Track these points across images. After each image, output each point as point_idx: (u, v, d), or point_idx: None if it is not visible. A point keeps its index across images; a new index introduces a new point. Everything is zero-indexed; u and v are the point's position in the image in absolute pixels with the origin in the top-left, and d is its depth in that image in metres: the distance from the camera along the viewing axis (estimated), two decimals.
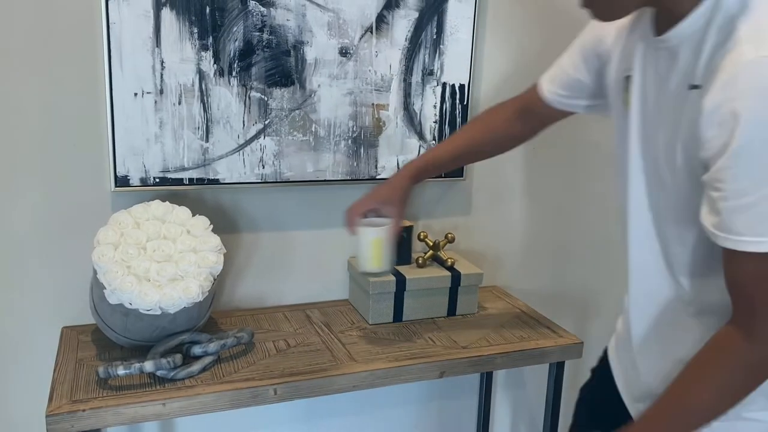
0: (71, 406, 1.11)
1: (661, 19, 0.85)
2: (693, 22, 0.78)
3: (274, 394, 1.21)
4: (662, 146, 0.85)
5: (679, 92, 0.81)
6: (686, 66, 0.80)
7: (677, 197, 0.85)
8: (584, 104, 1.13)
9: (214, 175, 1.43)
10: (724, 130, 0.73)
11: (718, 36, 0.76)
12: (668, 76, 0.83)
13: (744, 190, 0.73)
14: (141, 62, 1.32)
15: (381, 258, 1.26)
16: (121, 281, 1.18)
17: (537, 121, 1.23)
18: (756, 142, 0.71)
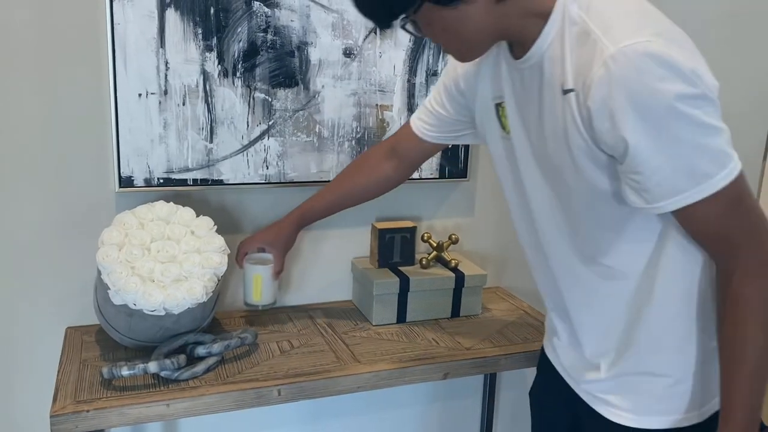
0: (75, 407, 1.11)
1: (515, 45, 0.92)
2: (545, 39, 0.86)
3: (278, 395, 1.21)
4: (552, 153, 0.91)
5: (554, 100, 0.87)
6: (553, 76, 0.86)
7: (582, 194, 0.91)
8: (455, 135, 1.21)
9: (218, 175, 1.43)
10: (614, 123, 0.79)
11: (575, 41, 0.82)
12: (540, 91, 0.89)
13: (659, 166, 0.79)
14: (145, 63, 1.32)
15: (260, 292, 1.39)
16: (125, 282, 1.18)
17: (411, 158, 1.29)
18: (645, 125, 0.77)
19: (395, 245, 1.56)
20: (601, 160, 0.85)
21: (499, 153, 1.07)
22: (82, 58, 1.31)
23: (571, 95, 0.83)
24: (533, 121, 0.93)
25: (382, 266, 1.55)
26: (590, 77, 0.79)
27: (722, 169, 0.79)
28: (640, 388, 0.98)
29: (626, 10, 0.81)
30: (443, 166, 1.62)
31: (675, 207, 0.82)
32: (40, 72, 1.29)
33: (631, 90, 0.76)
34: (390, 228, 1.55)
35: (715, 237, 0.85)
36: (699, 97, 0.77)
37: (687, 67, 0.76)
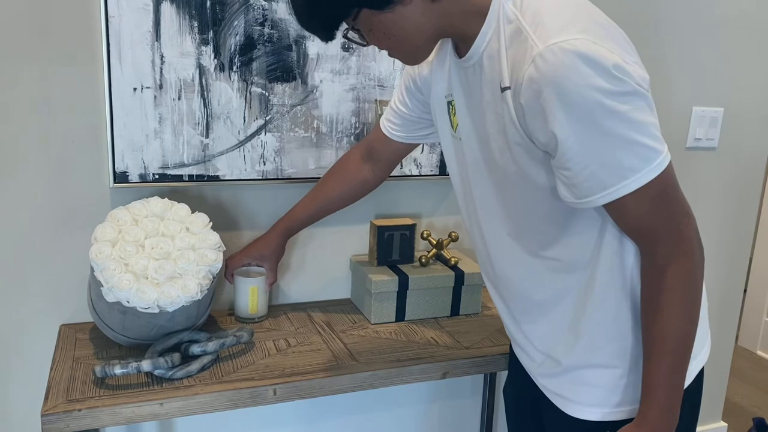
0: (67, 406, 1.09)
1: (459, 43, 0.94)
2: (483, 38, 0.87)
3: (273, 394, 1.19)
4: (495, 150, 0.92)
5: (494, 97, 0.88)
6: (492, 74, 0.88)
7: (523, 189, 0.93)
8: (423, 134, 1.22)
9: (214, 171, 1.41)
10: (544, 119, 0.80)
11: (509, 40, 0.84)
12: (481, 88, 0.91)
13: (587, 162, 0.81)
14: (140, 56, 1.30)
15: (256, 305, 1.43)
16: (118, 279, 1.16)
17: (385, 159, 1.30)
18: (573, 121, 0.78)
19: (394, 243, 1.54)
20: (538, 155, 0.87)
21: (449, 151, 1.08)
22: (77, 51, 1.29)
23: (507, 93, 0.85)
24: (478, 120, 0.95)
25: (381, 264, 1.53)
26: (522, 75, 0.81)
27: (648, 163, 0.81)
28: (591, 380, 0.99)
29: (557, 7, 0.82)
30: (443, 163, 1.60)
31: (602, 202, 0.84)
32: (34, 66, 1.27)
33: (559, 88, 0.77)
34: (389, 225, 1.53)
35: (641, 228, 0.87)
36: (626, 93, 0.78)
37: (612, 63, 0.77)
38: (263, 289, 1.43)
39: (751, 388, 2.80)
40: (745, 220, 2.03)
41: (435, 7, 0.86)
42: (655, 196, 0.83)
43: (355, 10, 0.86)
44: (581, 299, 0.97)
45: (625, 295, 0.95)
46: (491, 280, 1.11)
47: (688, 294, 0.88)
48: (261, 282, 1.42)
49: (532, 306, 1.03)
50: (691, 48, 1.81)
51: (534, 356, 1.07)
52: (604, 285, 0.94)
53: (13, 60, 1.26)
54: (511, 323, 1.10)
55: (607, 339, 0.97)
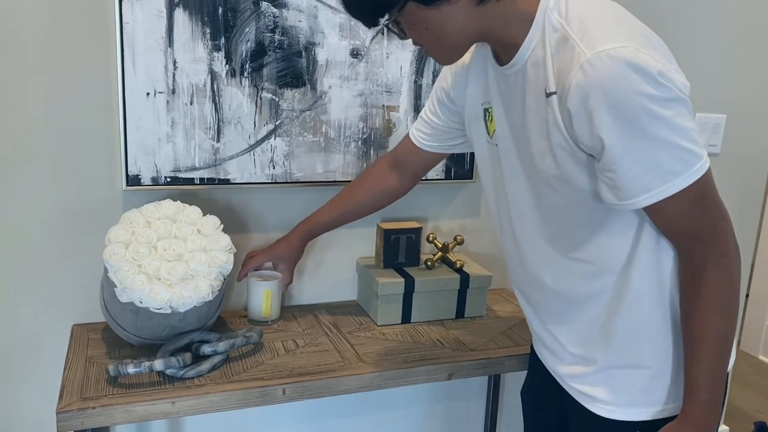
0: (81, 404, 1.12)
1: (500, 51, 0.96)
2: (528, 45, 0.90)
3: (282, 394, 1.21)
4: (537, 155, 0.94)
5: (538, 103, 0.90)
6: (537, 80, 0.90)
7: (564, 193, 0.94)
8: (453, 144, 1.23)
9: (225, 175, 1.43)
10: (591, 124, 0.83)
11: (555, 48, 0.86)
12: (524, 94, 0.93)
13: (631, 164, 0.84)
14: (153, 62, 1.33)
15: (270, 308, 1.46)
16: (131, 280, 1.19)
17: (413, 169, 1.32)
18: (619, 125, 0.81)
19: (400, 246, 1.56)
20: (582, 159, 0.89)
21: (484, 157, 1.10)
22: (91, 57, 1.32)
23: (553, 98, 0.87)
24: (518, 125, 0.96)
25: (387, 267, 1.55)
26: (569, 81, 0.83)
27: (690, 167, 0.84)
28: (622, 380, 1.01)
29: (601, 16, 0.85)
30: (449, 167, 1.62)
31: (645, 204, 0.86)
32: (49, 70, 1.30)
33: (607, 93, 0.80)
34: (395, 228, 1.55)
35: (681, 230, 0.90)
36: (670, 99, 0.81)
37: (657, 70, 0.80)
38: (277, 292, 1.46)
39: (752, 392, 2.82)
40: (748, 226, 2.05)
41: (479, 10, 0.88)
42: (695, 199, 0.86)
43: (403, 1, 0.87)
44: (614, 300, 0.98)
45: (660, 295, 0.96)
46: (521, 284, 1.12)
47: (727, 294, 0.91)
48: (275, 285, 1.45)
49: (564, 308, 1.04)
50: (693, 54, 1.83)
51: (564, 358, 1.08)
52: (639, 286, 0.96)
53: (30, 65, 1.29)
54: (539, 326, 1.11)
55: (640, 340, 0.98)
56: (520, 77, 0.93)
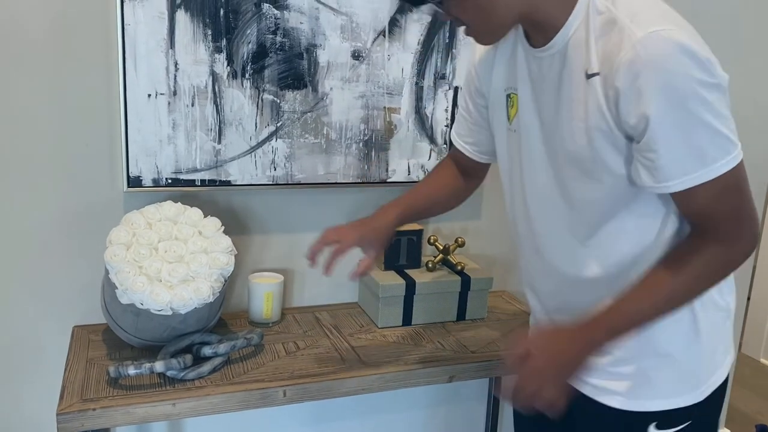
0: (82, 405, 1.11)
1: (535, 32, 0.95)
2: (570, 27, 0.90)
3: (283, 395, 1.21)
4: (569, 135, 0.93)
5: (577, 85, 0.90)
6: (577, 61, 0.90)
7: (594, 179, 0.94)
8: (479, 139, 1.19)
9: (226, 176, 1.43)
10: (639, 102, 0.83)
11: (600, 30, 0.87)
12: (560, 77, 0.93)
13: (674, 146, 0.84)
14: (155, 63, 1.33)
15: (271, 309, 1.45)
16: (132, 281, 1.19)
17: (473, 171, 1.27)
18: (668, 105, 0.82)
19: (401, 248, 1.56)
20: (619, 142, 0.89)
21: (502, 145, 1.10)
22: (93, 58, 1.32)
23: (595, 79, 0.87)
24: (549, 109, 0.96)
25: (388, 268, 1.55)
26: (618, 60, 0.83)
27: (727, 154, 0.85)
28: (640, 370, 1.01)
29: (648, 3, 0.87)
30: None
31: (680, 188, 0.86)
32: (51, 72, 1.30)
33: (658, 72, 0.81)
34: (397, 230, 1.55)
35: (706, 216, 0.90)
36: (715, 86, 0.83)
37: (705, 57, 0.82)
38: (278, 294, 1.46)
39: (753, 395, 2.81)
40: None
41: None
42: (727, 188, 0.87)
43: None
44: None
45: None
46: (533, 274, 1.11)
47: (709, 275, 0.91)
48: (276, 287, 1.45)
49: (577, 298, 1.03)
50: None
51: None
52: None
53: (32, 66, 1.29)
54: (546, 319, 1.11)
55: (660, 328, 0.97)
56: (557, 59, 0.93)
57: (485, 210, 1.73)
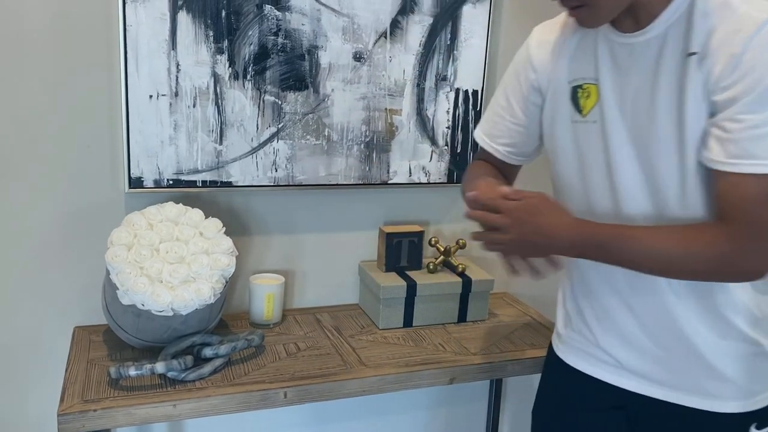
0: (83, 406, 1.11)
1: (632, 17, 0.93)
2: (675, 10, 0.90)
3: (284, 397, 1.21)
4: (660, 124, 0.92)
5: (674, 67, 0.90)
6: (676, 43, 0.90)
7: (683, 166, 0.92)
8: (535, 146, 1.14)
9: (227, 177, 1.43)
10: (743, 77, 0.83)
11: (706, 10, 0.87)
12: (657, 61, 0.92)
13: (759, 121, 0.83)
14: (157, 64, 1.33)
15: (272, 310, 1.45)
16: (133, 282, 1.19)
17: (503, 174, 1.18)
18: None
19: (403, 249, 1.56)
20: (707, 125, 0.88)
21: (567, 139, 1.04)
22: (95, 58, 1.32)
23: (693, 57, 0.87)
24: (639, 93, 0.94)
25: (389, 270, 1.55)
26: (730, 37, 0.84)
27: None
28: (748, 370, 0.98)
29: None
30: (452, 171, 1.62)
31: (745, 171, 0.85)
32: (52, 72, 1.30)
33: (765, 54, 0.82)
34: (398, 232, 1.55)
35: (738, 210, 0.86)
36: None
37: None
38: (279, 295, 1.46)
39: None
40: None
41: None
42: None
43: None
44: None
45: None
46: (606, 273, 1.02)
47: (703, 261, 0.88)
48: (277, 289, 1.45)
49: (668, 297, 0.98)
50: None
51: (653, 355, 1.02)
52: None
53: (33, 67, 1.29)
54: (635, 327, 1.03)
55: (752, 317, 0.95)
56: (653, 43, 0.92)
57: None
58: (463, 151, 1.61)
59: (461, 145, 1.61)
